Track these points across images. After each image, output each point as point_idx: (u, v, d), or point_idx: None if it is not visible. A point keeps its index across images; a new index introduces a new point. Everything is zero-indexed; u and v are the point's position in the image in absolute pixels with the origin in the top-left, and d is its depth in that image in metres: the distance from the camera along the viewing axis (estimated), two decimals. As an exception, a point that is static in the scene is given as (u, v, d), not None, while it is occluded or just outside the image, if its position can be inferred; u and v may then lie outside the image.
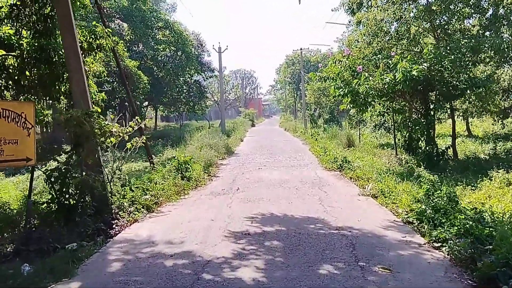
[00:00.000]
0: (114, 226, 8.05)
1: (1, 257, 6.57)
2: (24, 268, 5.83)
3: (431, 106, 16.02)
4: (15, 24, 11.27)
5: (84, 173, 8.64)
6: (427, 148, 15.70)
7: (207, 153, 18.28)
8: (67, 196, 8.53)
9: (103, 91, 30.38)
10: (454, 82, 15.03)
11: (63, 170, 8.46)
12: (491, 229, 6.45)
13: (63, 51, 10.40)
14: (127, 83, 32.49)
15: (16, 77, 11.24)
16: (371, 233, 7.56)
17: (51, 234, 7.57)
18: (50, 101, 13.25)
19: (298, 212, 9.24)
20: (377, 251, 6.56)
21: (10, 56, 10.96)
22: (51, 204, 8.52)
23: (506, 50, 16.43)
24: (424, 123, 15.79)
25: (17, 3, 10.95)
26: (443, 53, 15.06)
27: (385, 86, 14.73)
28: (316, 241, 7.12)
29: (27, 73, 11.19)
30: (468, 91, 15.49)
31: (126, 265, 6.14)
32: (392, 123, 19.40)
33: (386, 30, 19.76)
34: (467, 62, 16.28)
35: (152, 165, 14.10)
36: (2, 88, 12.23)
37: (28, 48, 10.95)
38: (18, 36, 11.16)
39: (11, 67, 11.09)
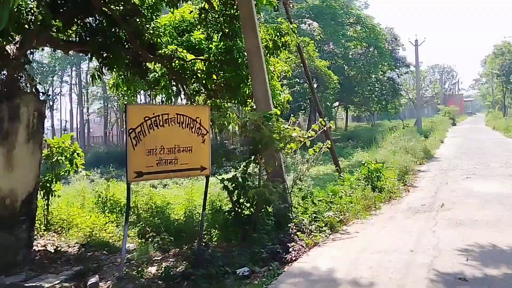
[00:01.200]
0: (290, 249, 6.89)
1: (171, 278, 6.03)
2: (185, 300, 5.09)
3: None
4: (205, 28, 11.28)
5: (262, 183, 7.82)
6: None
7: (402, 158, 16.09)
8: (244, 207, 7.84)
9: (294, 92, 30.83)
10: None
11: (240, 180, 7.76)
12: None
13: (247, 52, 9.90)
14: (318, 84, 32.46)
15: (204, 81, 11.26)
16: None
17: (224, 252, 6.93)
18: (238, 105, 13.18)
19: (535, 247, 6.72)
20: None
21: (198, 60, 11.00)
22: (229, 216, 7.95)
23: None
24: None
25: (205, 6, 10.89)
26: None
27: None
28: None
29: (214, 76, 11.09)
30: None
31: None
32: None
33: None
34: None
35: (338, 173, 12.71)
36: (194, 93, 12.55)
37: (215, 51, 10.80)
38: (208, 41, 11.14)
39: (199, 71, 11.12)
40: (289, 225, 7.68)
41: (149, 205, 9.92)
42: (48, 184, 9.01)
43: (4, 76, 6.46)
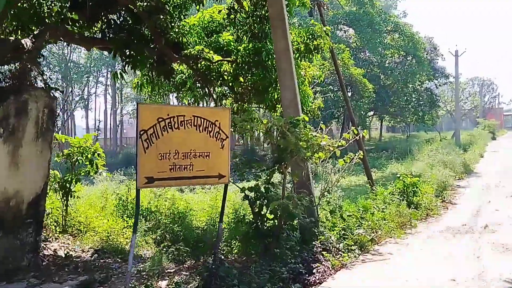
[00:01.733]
0: (314, 270, 6.18)
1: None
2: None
3: None
4: (235, 30, 10.82)
5: (286, 194, 7.16)
6: None
7: (440, 172, 15.07)
8: (266, 219, 7.20)
9: (327, 99, 29.98)
10: None
11: (263, 190, 7.13)
12: None
13: (276, 54, 9.33)
14: (352, 92, 31.48)
15: (230, 84, 10.76)
16: None
17: (242, 268, 6.34)
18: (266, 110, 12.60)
19: None
20: None
21: (225, 62, 10.50)
22: (251, 228, 7.32)
23: None
24: None
25: (235, 6, 10.40)
26: None
27: None
28: None
29: (241, 79, 10.57)
30: None
31: None
32: None
33: None
34: None
35: (371, 186, 11.84)
36: (221, 96, 12.05)
37: (243, 53, 10.28)
38: (237, 43, 10.65)
39: (226, 73, 10.62)
40: (314, 242, 6.98)
41: (172, 210, 9.46)
42: (67, 185, 8.67)
43: (15, 69, 6.08)
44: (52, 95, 6.36)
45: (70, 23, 8.21)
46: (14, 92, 5.81)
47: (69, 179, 8.75)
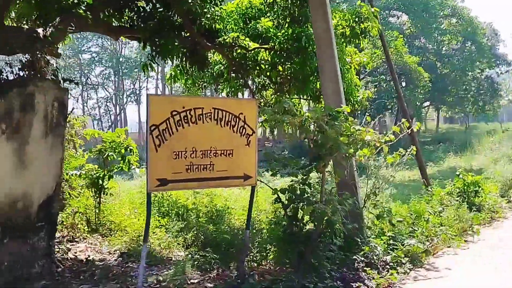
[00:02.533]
0: (356, 290, 5.26)
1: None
2: None
3: None
4: (275, 16, 10.02)
5: (325, 197, 6.26)
6: None
7: (506, 168, 13.53)
8: (302, 225, 6.35)
9: (380, 90, 28.48)
10: None
11: (298, 192, 6.27)
12: None
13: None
14: (406, 82, 29.67)
15: (268, 73, 9.94)
16: None
17: (271, 282, 5.54)
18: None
19: None
20: None
21: (262, 50, 9.69)
22: (284, 233, 6.49)
23: None
24: None
25: (273, -13, 9.57)
26: None
27: None
28: None
29: (280, 68, 9.73)
30: None
31: None
32: None
33: None
34: None
35: (426, 186, 10.59)
36: (260, 87, 11.25)
37: (281, 39, 9.44)
38: (277, 29, 9.83)
39: (263, 62, 9.80)
40: (355, 256, 6.03)
41: (210, 207, 8.85)
42: (100, 181, 8.29)
43: (26, 60, 5.57)
44: (62, 87, 5.80)
45: (93, 12, 7.72)
46: (19, 84, 5.28)
47: (101, 176, 8.32)
